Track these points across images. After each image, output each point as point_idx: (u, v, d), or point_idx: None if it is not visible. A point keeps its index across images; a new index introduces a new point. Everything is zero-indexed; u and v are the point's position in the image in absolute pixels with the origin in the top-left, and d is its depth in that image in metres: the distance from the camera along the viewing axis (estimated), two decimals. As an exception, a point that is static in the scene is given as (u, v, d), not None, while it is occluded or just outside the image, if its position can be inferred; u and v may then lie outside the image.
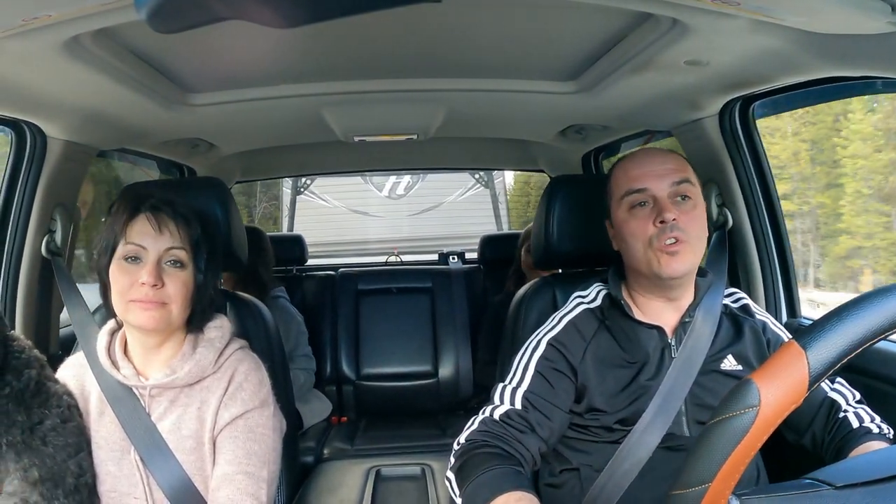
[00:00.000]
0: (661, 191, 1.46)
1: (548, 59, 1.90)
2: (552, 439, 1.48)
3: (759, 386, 0.77)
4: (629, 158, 1.55)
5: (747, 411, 0.77)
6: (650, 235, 1.44)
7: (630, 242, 1.48)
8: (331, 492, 2.27)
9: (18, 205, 1.99)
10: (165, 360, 1.50)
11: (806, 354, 0.77)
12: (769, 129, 4.53)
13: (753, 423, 0.77)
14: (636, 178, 1.48)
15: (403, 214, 8.28)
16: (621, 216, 1.50)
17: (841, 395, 1.48)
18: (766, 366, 0.79)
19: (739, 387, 0.79)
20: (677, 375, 1.45)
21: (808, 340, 0.78)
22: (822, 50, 1.41)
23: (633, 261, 1.50)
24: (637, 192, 1.47)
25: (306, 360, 3.14)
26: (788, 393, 0.77)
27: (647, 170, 1.49)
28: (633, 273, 1.54)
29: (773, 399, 0.77)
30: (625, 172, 1.51)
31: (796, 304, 2.17)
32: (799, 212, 6.20)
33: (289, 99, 2.12)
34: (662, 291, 1.51)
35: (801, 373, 0.77)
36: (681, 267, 1.44)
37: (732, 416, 0.78)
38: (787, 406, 0.77)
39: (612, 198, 1.54)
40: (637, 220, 1.47)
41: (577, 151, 3.19)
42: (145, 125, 2.22)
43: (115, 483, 1.47)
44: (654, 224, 1.44)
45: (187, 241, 1.46)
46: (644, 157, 1.53)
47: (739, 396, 0.78)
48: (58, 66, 1.51)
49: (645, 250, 1.45)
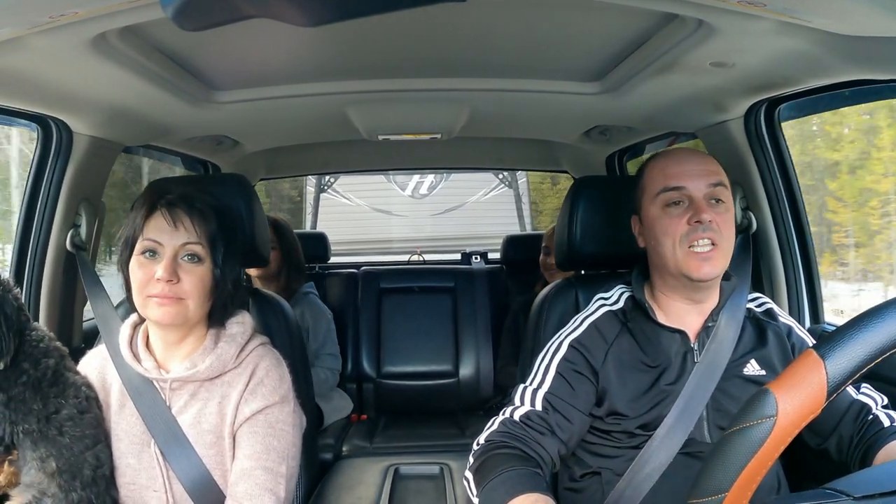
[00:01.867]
0: (697, 191, 1.45)
1: (572, 59, 1.89)
2: (572, 442, 1.47)
3: (776, 396, 0.76)
4: (667, 155, 1.53)
5: (764, 421, 0.76)
6: (682, 234, 1.43)
7: (661, 240, 1.46)
8: (349, 489, 2.28)
9: (44, 199, 2.03)
10: (186, 354, 1.51)
11: (824, 364, 0.76)
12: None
13: (770, 433, 0.76)
14: (674, 176, 1.47)
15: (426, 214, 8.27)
16: (654, 213, 1.48)
17: (870, 398, 1.45)
18: (783, 375, 0.78)
19: (756, 396, 0.78)
20: (699, 380, 1.44)
21: (826, 350, 0.77)
22: (848, 52, 1.39)
23: (661, 258, 1.48)
24: (673, 190, 1.46)
25: (332, 360, 3.15)
26: (806, 403, 0.76)
27: (686, 169, 1.47)
28: (658, 272, 1.52)
29: (790, 409, 0.76)
30: (661, 169, 1.49)
31: (820, 309, 2.14)
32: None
33: (313, 97, 2.13)
34: (688, 292, 1.50)
35: (819, 383, 0.76)
36: (713, 270, 1.42)
37: (749, 426, 0.77)
38: (804, 416, 0.76)
39: (645, 193, 1.52)
40: (671, 218, 1.45)
41: (601, 153, 3.18)
42: (171, 122, 2.25)
43: (135, 475, 1.49)
44: (689, 223, 1.43)
45: (204, 236, 1.46)
46: (682, 155, 1.51)
47: (756, 406, 0.77)
48: (84, 63, 1.53)
49: (675, 248, 1.44)
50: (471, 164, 4.41)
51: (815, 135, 4.31)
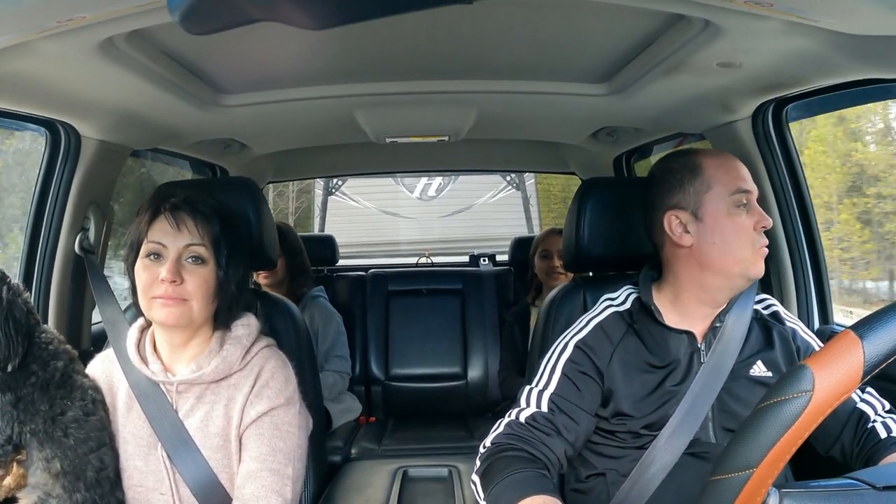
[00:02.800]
0: (754, 196, 1.47)
1: (579, 61, 1.89)
2: (578, 442, 1.47)
3: (813, 371, 0.77)
4: (725, 156, 1.53)
5: (800, 395, 0.76)
6: (753, 237, 1.44)
7: (731, 240, 1.44)
8: (357, 491, 2.28)
9: (52, 203, 2.04)
10: (192, 356, 1.52)
11: (862, 344, 0.76)
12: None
13: (806, 408, 0.76)
14: (743, 179, 1.47)
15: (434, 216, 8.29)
16: (726, 211, 1.46)
17: (870, 405, 1.44)
18: (821, 352, 0.79)
19: (793, 371, 0.78)
20: (706, 380, 1.44)
21: (865, 330, 0.77)
22: (856, 51, 1.38)
23: (723, 258, 1.45)
24: (744, 193, 1.46)
25: (340, 362, 3.14)
26: (842, 380, 0.76)
27: (743, 173, 1.48)
28: (699, 272, 1.49)
29: (826, 385, 0.76)
30: (728, 170, 1.48)
31: (829, 310, 2.13)
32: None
33: (321, 100, 2.14)
34: (725, 295, 1.50)
35: (856, 361, 0.76)
36: (763, 271, 1.46)
37: (785, 400, 0.77)
38: (840, 393, 0.76)
39: (710, 191, 1.48)
40: (741, 220, 1.45)
41: (608, 154, 3.17)
42: (178, 125, 2.26)
43: (142, 478, 1.49)
44: (755, 228, 1.44)
45: (207, 238, 1.48)
46: (735, 159, 1.52)
47: (793, 380, 0.77)
48: (92, 67, 1.54)
49: (745, 249, 1.44)
50: (478, 165, 4.41)
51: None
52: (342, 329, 3.22)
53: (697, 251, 1.48)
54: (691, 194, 1.50)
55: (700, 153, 1.54)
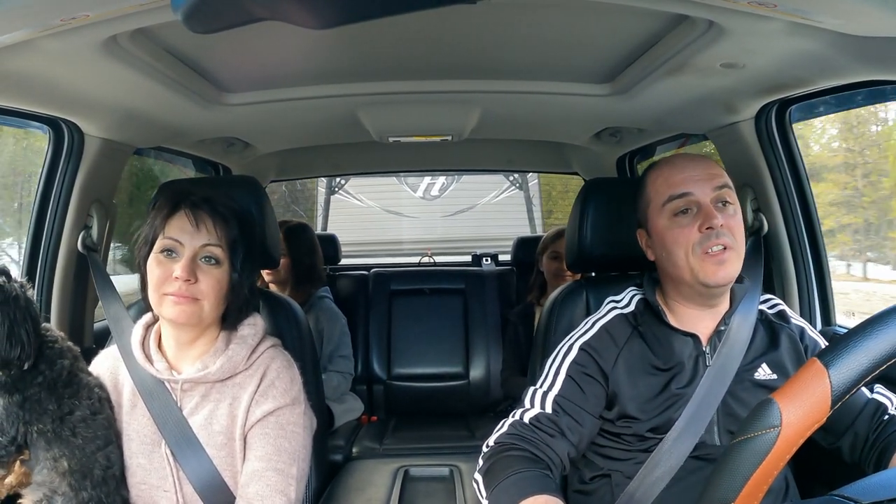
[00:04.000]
0: (704, 196, 1.42)
1: (583, 61, 1.89)
2: (582, 444, 1.47)
3: (780, 406, 0.77)
4: (667, 163, 1.51)
5: (769, 431, 0.76)
6: (694, 242, 1.41)
7: (673, 250, 1.44)
8: (359, 490, 2.28)
9: (56, 201, 2.05)
10: (198, 355, 1.52)
11: (828, 373, 0.76)
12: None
13: (775, 443, 0.76)
14: (679, 184, 1.44)
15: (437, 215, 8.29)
16: (663, 223, 1.46)
17: (886, 397, 1.43)
18: (787, 385, 0.78)
19: (760, 407, 0.78)
20: (711, 384, 1.43)
21: (830, 358, 0.77)
22: (860, 53, 1.38)
23: (675, 269, 1.46)
24: (680, 198, 1.43)
25: (344, 363, 3.13)
26: (810, 413, 0.76)
27: (689, 174, 1.45)
28: (672, 282, 1.50)
29: (794, 419, 0.76)
30: (665, 178, 1.47)
31: (831, 311, 2.13)
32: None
33: (324, 99, 2.14)
34: (703, 300, 1.48)
35: (823, 392, 0.76)
36: (728, 274, 1.41)
37: (754, 437, 0.77)
38: (809, 426, 0.76)
39: (650, 205, 1.50)
40: (681, 228, 1.43)
41: (611, 154, 3.17)
42: (182, 124, 2.26)
43: (146, 476, 1.50)
44: (700, 230, 1.40)
45: (224, 240, 1.47)
46: (683, 161, 1.49)
47: (761, 416, 0.78)
48: (96, 66, 1.54)
49: (688, 258, 1.41)
50: (481, 165, 4.41)
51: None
52: (347, 330, 3.21)
53: (659, 264, 1.52)
54: (641, 211, 1.54)
55: (650, 167, 1.55)
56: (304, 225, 3.27)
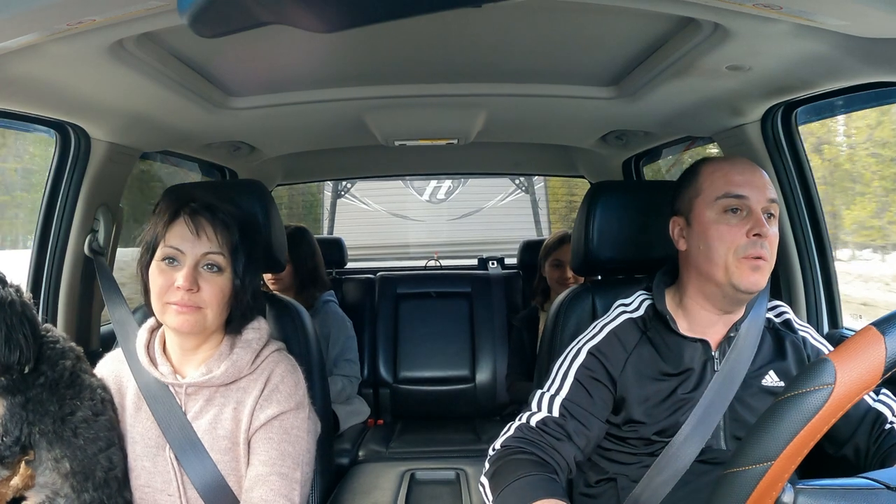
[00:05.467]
0: (757, 203, 1.42)
1: (588, 63, 1.89)
2: (588, 448, 1.47)
3: (836, 364, 0.77)
4: (728, 161, 1.50)
5: (821, 388, 0.76)
6: (739, 245, 1.40)
7: (714, 245, 1.43)
8: (365, 493, 2.28)
9: (62, 204, 2.05)
10: (203, 359, 1.52)
11: (885, 339, 0.76)
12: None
13: (827, 401, 0.76)
14: (739, 184, 1.44)
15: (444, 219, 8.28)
16: (711, 216, 1.45)
17: (887, 406, 1.43)
18: (843, 347, 0.79)
19: (815, 364, 0.78)
20: (718, 389, 1.43)
21: (887, 326, 0.77)
22: (866, 54, 1.38)
23: (709, 265, 1.44)
24: (736, 198, 1.43)
25: (350, 366, 3.12)
26: (864, 375, 0.76)
27: (749, 178, 1.44)
28: (697, 278, 1.49)
29: (847, 379, 0.76)
30: (724, 174, 1.46)
31: (838, 314, 2.12)
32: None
33: (330, 103, 2.14)
34: (724, 303, 1.48)
35: (878, 357, 0.76)
36: (759, 283, 1.40)
37: (806, 392, 0.77)
38: (861, 388, 0.76)
39: (700, 195, 1.48)
40: (729, 226, 1.42)
41: (617, 157, 3.17)
42: (188, 128, 2.27)
43: (150, 479, 1.50)
44: (748, 235, 1.40)
45: (225, 247, 1.47)
46: (744, 165, 1.48)
47: (815, 373, 0.77)
48: (102, 70, 1.55)
49: (728, 257, 1.41)
50: (487, 168, 4.41)
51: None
52: (352, 334, 3.21)
53: (691, 256, 1.49)
54: (686, 200, 1.52)
55: (706, 160, 1.54)
56: (302, 229, 3.25)
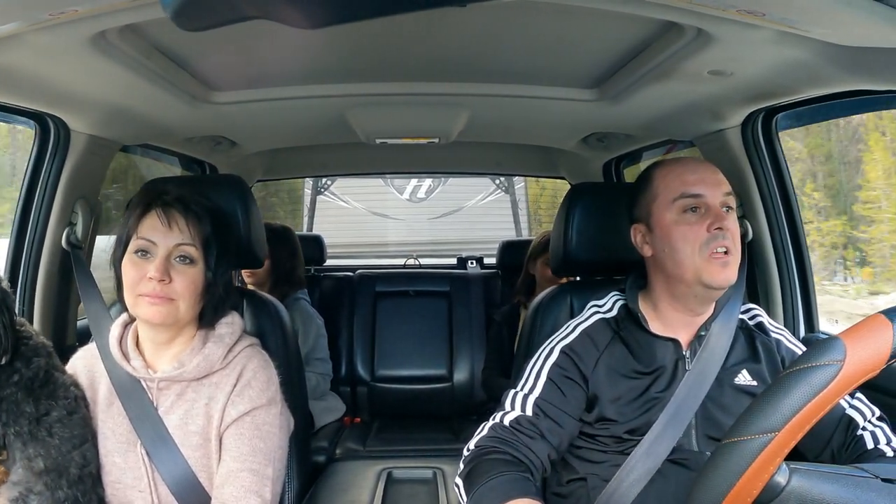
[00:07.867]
0: (714, 199, 1.44)
1: (571, 66, 1.90)
2: (562, 446, 1.48)
3: (846, 343, 0.79)
4: (679, 163, 1.52)
5: (831, 364, 0.78)
6: (702, 241, 1.42)
7: (678, 247, 1.44)
8: (342, 492, 2.27)
9: (40, 197, 2.02)
10: (175, 354, 1.52)
11: (893, 327, 0.79)
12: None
13: (835, 377, 0.77)
14: (693, 183, 1.45)
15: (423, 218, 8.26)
16: (671, 218, 1.46)
17: (859, 411, 1.44)
18: (853, 329, 0.80)
19: (826, 341, 0.80)
20: (690, 387, 1.44)
21: (894, 315, 0.80)
22: (847, 63, 1.39)
23: (676, 266, 1.45)
24: (693, 197, 1.44)
25: (321, 364, 3.13)
26: (872, 357, 0.78)
27: (702, 176, 1.46)
28: (666, 281, 1.50)
29: (856, 358, 0.78)
30: (678, 176, 1.48)
31: (815, 318, 2.15)
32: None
33: (312, 99, 2.14)
34: (695, 303, 1.49)
35: (886, 342, 0.78)
36: (729, 278, 1.42)
37: (815, 367, 0.78)
38: (868, 369, 0.78)
39: (657, 199, 1.50)
40: (689, 225, 1.43)
41: (598, 159, 3.18)
42: (169, 122, 2.25)
43: (121, 475, 1.49)
44: (709, 230, 1.42)
45: (197, 238, 1.47)
46: (696, 164, 1.51)
47: (825, 349, 0.79)
48: (83, 61, 1.53)
49: (694, 256, 1.42)
50: (468, 168, 4.41)
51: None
52: (323, 332, 3.20)
53: (658, 260, 1.50)
54: (644, 206, 1.53)
55: (657, 164, 1.56)
56: (287, 228, 3.26)
